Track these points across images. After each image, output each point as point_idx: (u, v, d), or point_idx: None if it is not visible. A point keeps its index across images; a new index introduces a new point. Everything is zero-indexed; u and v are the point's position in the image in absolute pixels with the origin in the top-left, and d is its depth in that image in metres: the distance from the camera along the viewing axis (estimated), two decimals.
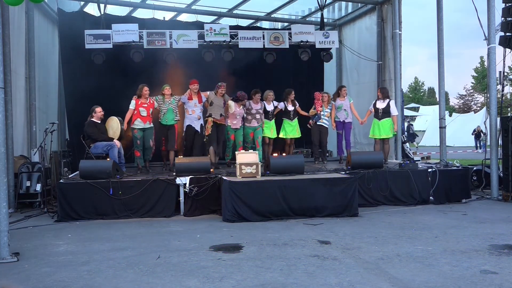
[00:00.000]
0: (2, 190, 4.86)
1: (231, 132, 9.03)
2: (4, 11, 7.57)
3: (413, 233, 5.81)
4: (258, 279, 4.09)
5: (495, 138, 8.82)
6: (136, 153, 8.49)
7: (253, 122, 9.20)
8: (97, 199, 7.11)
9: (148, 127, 8.42)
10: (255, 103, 9.20)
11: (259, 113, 9.24)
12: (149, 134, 8.44)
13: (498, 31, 8.73)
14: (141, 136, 8.36)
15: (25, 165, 8.35)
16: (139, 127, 8.33)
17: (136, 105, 8.34)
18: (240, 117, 9.07)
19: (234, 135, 9.06)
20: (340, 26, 13.42)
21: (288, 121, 9.63)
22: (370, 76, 11.91)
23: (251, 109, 9.17)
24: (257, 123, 9.23)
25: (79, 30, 9.42)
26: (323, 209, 6.96)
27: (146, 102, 8.38)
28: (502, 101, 9.42)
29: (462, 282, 3.92)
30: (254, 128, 9.22)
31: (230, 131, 9.03)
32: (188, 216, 7.22)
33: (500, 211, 7.39)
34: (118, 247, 5.36)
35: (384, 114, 9.29)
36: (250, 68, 10.99)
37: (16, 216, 7.35)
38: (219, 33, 9.88)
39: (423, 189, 8.02)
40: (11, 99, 7.99)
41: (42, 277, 4.27)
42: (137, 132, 8.32)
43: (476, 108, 44.45)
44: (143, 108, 8.34)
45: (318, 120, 9.54)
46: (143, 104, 8.35)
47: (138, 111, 8.32)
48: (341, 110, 9.67)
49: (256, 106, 9.21)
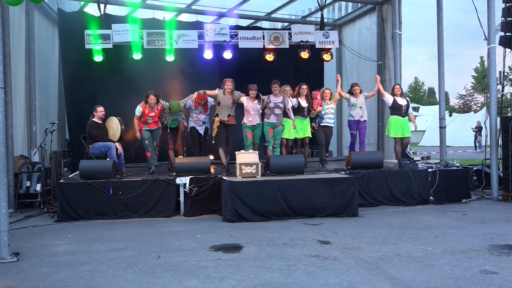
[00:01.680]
0: (2, 190, 4.86)
1: (248, 129, 8.11)
2: (4, 11, 7.58)
3: (413, 233, 5.81)
4: (258, 279, 4.09)
5: (495, 138, 8.81)
6: (147, 154, 8.29)
7: (272, 117, 8.19)
8: (97, 199, 7.12)
9: (155, 129, 8.31)
10: (275, 96, 8.24)
11: (279, 107, 8.20)
12: (156, 134, 8.35)
13: (498, 31, 8.73)
14: (149, 136, 8.23)
15: (25, 165, 8.35)
16: (147, 129, 8.20)
17: (143, 114, 8.12)
18: (255, 113, 8.07)
19: (251, 133, 8.12)
20: (340, 26, 13.43)
21: (301, 118, 8.66)
22: (370, 76, 11.89)
23: (269, 103, 8.18)
24: (276, 119, 8.20)
25: (79, 30, 9.42)
26: (323, 209, 6.96)
27: (152, 110, 8.18)
28: (502, 101, 9.41)
29: (462, 282, 3.92)
30: (273, 124, 8.25)
31: (247, 129, 8.12)
32: (188, 216, 7.22)
33: (500, 211, 7.39)
34: (118, 247, 5.36)
35: (406, 112, 8.77)
36: (250, 69, 10.99)
37: (16, 216, 7.36)
38: (219, 33, 9.87)
39: (423, 189, 8.02)
40: (11, 99, 8.00)
41: (42, 277, 4.27)
42: (144, 133, 8.18)
43: (476, 108, 44.43)
44: (150, 118, 8.16)
45: (321, 121, 8.88)
46: (150, 114, 8.14)
47: (145, 119, 8.15)
48: (356, 108, 9.02)
49: (275, 99, 8.20)
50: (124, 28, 9.43)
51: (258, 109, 8.14)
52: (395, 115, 8.76)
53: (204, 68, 10.21)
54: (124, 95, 9.91)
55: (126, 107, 9.21)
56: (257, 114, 8.11)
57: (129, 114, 8.96)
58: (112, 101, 9.77)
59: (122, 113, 8.91)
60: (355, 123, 9.11)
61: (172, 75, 10.52)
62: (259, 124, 8.16)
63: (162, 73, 10.36)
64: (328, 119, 8.93)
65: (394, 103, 8.77)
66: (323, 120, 8.88)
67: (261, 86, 9.55)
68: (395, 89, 8.90)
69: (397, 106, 8.73)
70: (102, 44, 9.30)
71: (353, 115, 9.09)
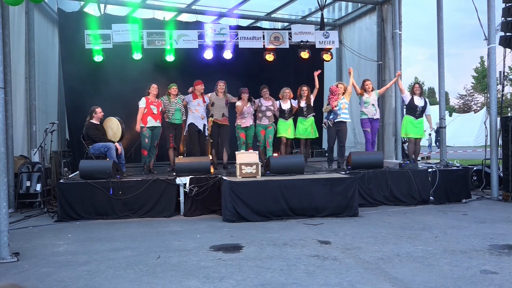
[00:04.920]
0: (2, 190, 4.86)
1: (241, 130, 8.79)
2: (4, 11, 7.57)
3: (413, 233, 5.81)
4: (258, 279, 4.09)
5: (495, 138, 8.81)
6: (144, 152, 8.38)
7: (263, 120, 8.82)
8: (97, 199, 7.11)
9: (157, 126, 8.38)
10: (265, 99, 8.84)
11: (270, 110, 8.82)
12: (157, 133, 8.41)
13: (498, 31, 8.73)
14: (150, 135, 8.29)
15: (25, 165, 8.36)
16: (150, 125, 8.24)
17: (146, 103, 8.25)
18: (249, 115, 8.74)
19: (244, 134, 8.79)
20: (340, 26, 13.43)
21: (302, 119, 8.99)
22: (370, 76, 11.85)
23: (261, 106, 8.81)
24: (268, 121, 8.83)
25: (79, 30, 9.42)
26: (323, 209, 6.96)
27: (155, 100, 8.35)
28: (502, 101, 9.42)
29: (462, 282, 3.92)
30: (265, 126, 8.86)
31: (240, 130, 8.79)
32: (188, 216, 7.23)
33: (500, 211, 7.39)
34: (118, 247, 5.36)
35: (422, 113, 8.77)
36: (250, 68, 10.98)
37: (16, 216, 7.36)
38: (219, 33, 9.87)
39: (423, 189, 8.02)
40: (11, 99, 8.00)
41: (42, 277, 4.27)
42: (146, 131, 8.24)
43: (476, 108, 44.43)
44: (154, 106, 8.28)
45: (336, 118, 8.53)
46: (153, 103, 8.30)
47: (149, 108, 8.23)
48: (368, 105, 8.88)
49: (266, 103, 8.82)
50: (124, 28, 9.44)
51: (251, 111, 8.76)
52: (409, 115, 8.80)
53: (204, 68, 10.20)
54: (124, 95, 9.90)
55: (126, 107, 9.22)
56: (250, 116, 8.75)
57: (129, 114, 9.00)
58: (112, 101, 9.79)
59: (122, 113, 8.92)
60: (368, 121, 8.95)
61: (172, 75, 10.50)
62: (252, 125, 8.83)
63: (162, 73, 10.36)
64: (343, 115, 8.61)
65: (410, 102, 8.77)
66: (338, 116, 8.54)
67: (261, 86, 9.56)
68: (414, 88, 8.89)
69: (413, 106, 8.75)
70: (102, 44, 9.30)
71: (366, 113, 8.93)
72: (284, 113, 8.96)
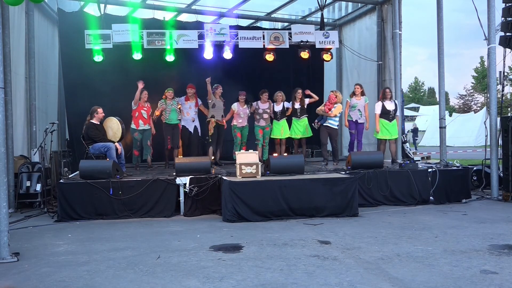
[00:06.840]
0: (2, 190, 4.86)
1: (237, 130, 9.37)
2: (4, 11, 7.57)
3: (413, 233, 5.81)
4: (258, 279, 4.09)
5: (495, 138, 8.81)
6: (135, 153, 9.17)
7: (261, 121, 9.53)
8: (97, 199, 7.11)
9: (147, 129, 9.11)
10: (263, 102, 9.50)
11: (267, 112, 9.50)
12: (147, 135, 9.12)
13: (498, 31, 8.73)
14: (141, 138, 9.07)
15: (25, 165, 8.35)
16: (141, 128, 9.01)
17: (138, 107, 8.99)
18: (245, 116, 9.39)
19: (240, 133, 9.38)
20: (340, 26, 13.42)
21: (295, 119, 9.57)
22: (370, 76, 11.90)
23: (258, 109, 9.50)
24: (265, 122, 9.53)
25: (79, 30, 9.41)
26: (323, 209, 6.96)
27: (145, 106, 9.07)
28: (502, 101, 9.42)
29: (462, 282, 3.92)
30: (263, 127, 9.54)
31: (237, 130, 9.37)
32: (188, 216, 7.23)
33: (500, 211, 7.39)
34: (118, 247, 5.36)
35: (394, 115, 9.13)
36: (250, 68, 10.97)
37: (16, 216, 7.36)
38: (219, 33, 9.86)
39: (423, 189, 8.02)
40: (11, 99, 7.99)
41: (42, 277, 4.27)
42: (137, 135, 9.01)
43: (476, 108, 44.43)
44: (144, 111, 9.04)
45: (324, 122, 9.23)
46: (144, 108, 9.03)
47: (140, 113, 8.99)
48: (355, 109, 9.35)
49: (263, 106, 9.49)
50: (124, 28, 9.42)
51: (247, 113, 9.42)
52: (383, 119, 9.15)
53: (204, 68, 10.20)
54: (124, 95, 9.89)
55: (126, 107, 9.22)
56: (246, 117, 9.39)
57: (128, 114, 9.05)
58: (112, 101, 9.79)
59: (122, 113, 8.93)
60: (353, 123, 9.45)
61: (172, 75, 10.50)
62: (247, 125, 9.46)
63: (162, 73, 10.36)
64: (331, 121, 9.21)
65: (383, 109, 9.15)
66: (325, 122, 9.23)
67: (261, 86, 9.62)
68: (385, 93, 9.21)
69: (385, 111, 9.13)
70: (102, 44, 9.28)
71: (351, 116, 9.42)
72: (277, 115, 9.56)
